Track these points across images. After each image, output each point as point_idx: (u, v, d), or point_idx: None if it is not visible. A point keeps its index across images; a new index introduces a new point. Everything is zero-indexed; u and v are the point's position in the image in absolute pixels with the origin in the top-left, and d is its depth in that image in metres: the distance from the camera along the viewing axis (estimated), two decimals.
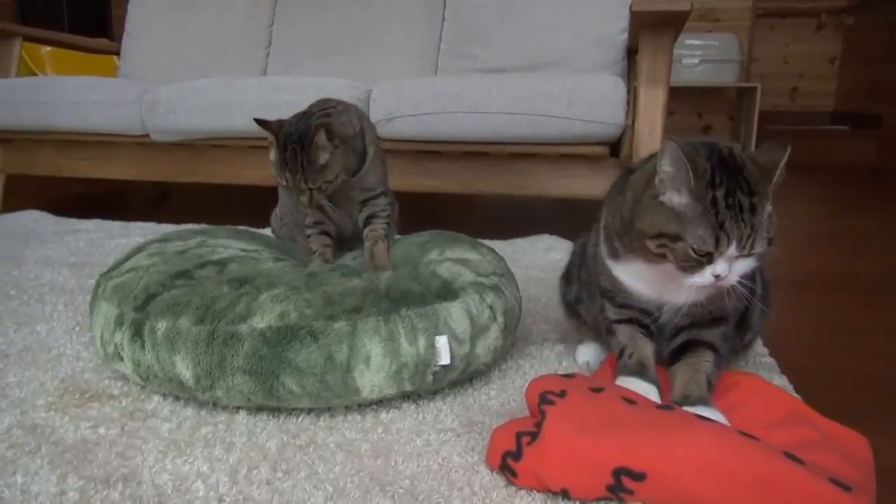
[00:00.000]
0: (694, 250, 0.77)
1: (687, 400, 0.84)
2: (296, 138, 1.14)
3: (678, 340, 0.93)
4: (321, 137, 1.12)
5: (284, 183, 1.17)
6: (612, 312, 0.96)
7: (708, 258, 0.78)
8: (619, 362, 0.94)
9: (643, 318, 0.94)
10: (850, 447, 0.78)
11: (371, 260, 1.19)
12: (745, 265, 0.80)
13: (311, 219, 1.28)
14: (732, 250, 0.77)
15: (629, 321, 0.95)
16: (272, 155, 1.17)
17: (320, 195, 1.17)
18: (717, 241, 0.76)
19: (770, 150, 0.81)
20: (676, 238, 0.78)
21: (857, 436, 0.80)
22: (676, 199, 0.79)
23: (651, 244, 0.81)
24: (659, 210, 0.80)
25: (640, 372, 0.90)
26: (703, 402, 0.84)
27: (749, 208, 0.77)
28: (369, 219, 1.27)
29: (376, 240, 1.23)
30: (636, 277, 0.90)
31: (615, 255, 0.92)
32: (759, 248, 0.78)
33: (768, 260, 0.85)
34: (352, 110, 1.27)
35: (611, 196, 0.96)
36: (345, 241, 1.32)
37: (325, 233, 1.28)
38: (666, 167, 0.79)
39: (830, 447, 0.76)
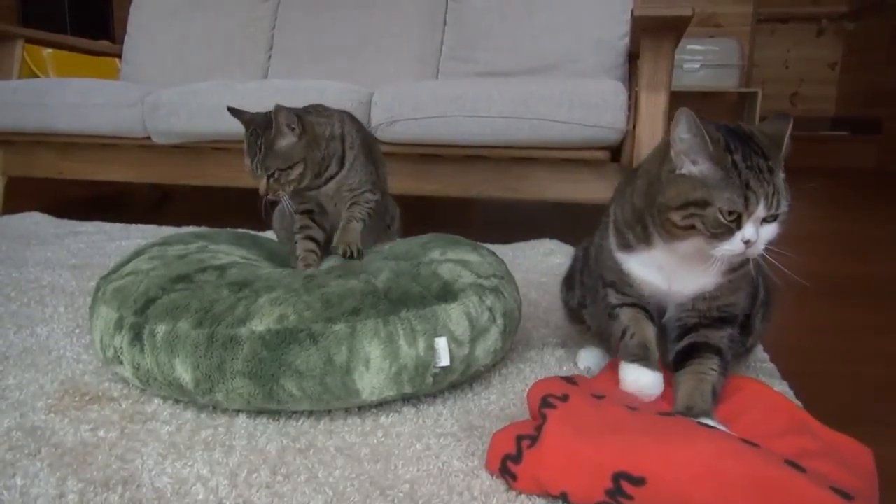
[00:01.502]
0: (723, 213, 0.78)
1: (690, 412, 0.84)
2: (261, 123, 1.16)
3: (684, 343, 0.92)
4: (280, 119, 1.14)
5: (247, 168, 1.18)
6: (614, 298, 0.96)
7: (737, 222, 0.78)
8: (620, 344, 0.93)
9: (645, 302, 0.94)
10: (852, 457, 0.78)
11: (342, 234, 1.22)
12: (770, 231, 0.80)
13: (298, 224, 1.29)
14: (761, 210, 0.77)
15: (632, 305, 0.94)
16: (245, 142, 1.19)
17: (277, 185, 1.17)
18: (747, 201, 0.77)
19: (774, 122, 0.84)
20: (705, 204, 0.78)
21: (859, 446, 0.79)
22: (696, 168, 0.79)
23: (677, 216, 0.81)
24: (681, 180, 0.81)
25: (642, 356, 0.90)
26: (706, 415, 0.83)
27: (768, 169, 0.78)
28: (351, 205, 1.28)
29: (351, 219, 1.25)
30: (648, 266, 0.90)
31: (626, 248, 0.92)
32: (784, 207, 0.79)
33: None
34: (336, 115, 1.29)
35: (619, 191, 0.97)
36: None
37: (311, 238, 1.28)
38: (682, 134, 0.79)
39: (832, 456, 0.76)
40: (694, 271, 0.85)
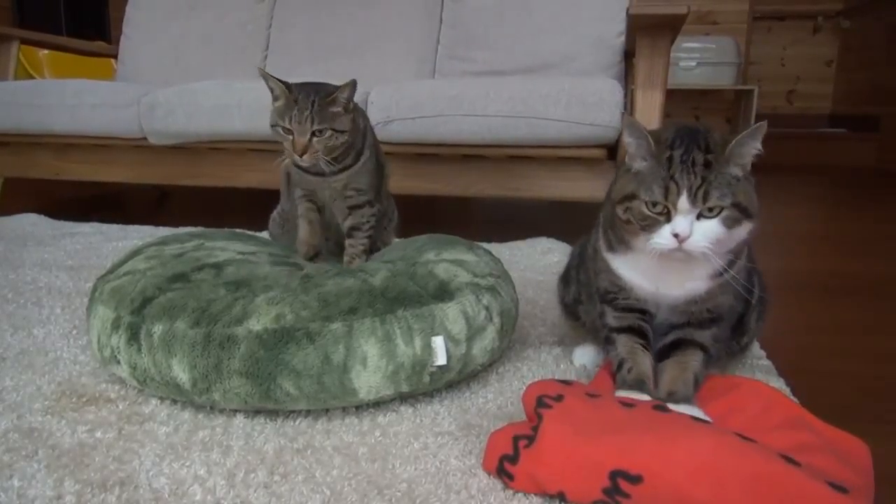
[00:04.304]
0: (648, 205, 0.80)
1: (672, 396, 0.87)
2: (311, 88, 1.16)
3: (669, 338, 0.94)
4: (348, 91, 1.15)
5: (286, 124, 1.15)
6: (612, 318, 0.97)
7: (666, 216, 0.80)
8: (617, 375, 0.94)
9: (643, 324, 0.95)
10: (848, 452, 0.78)
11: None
12: (710, 228, 0.79)
13: (301, 208, 1.30)
14: (683, 202, 0.78)
15: (629, 330, 0.95)
16: (278, 104, 1.17)
17: (319, 144, 1.15)
18: (666, 191, 0.79)
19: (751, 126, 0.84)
20: (633, 196, 0.82)
21: (856, 440, 0.80)
22: (642, 165, 0.83)
23: (619, 210, 0.84)
24: (625, 177, 0.85)
25: (638, 388, 0.91)
26: (687, 400, 0.86)
27: (703, 163, 0.79)
28: (351, 230, 1.29)
29: (353, 257, 1.27)
30: (632, 268, 0.91)
31: (611, 248, 0.94)
32: (713, 201, 0.78)
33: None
34: (358, 109, 1.31)
35: (606, 194, 0.98)
36: (335, 241, 1.34)
37: (312, 202, 1.29)
38: (627, 138, 0.83)
39: (829, 451, 0.76)
40: (679, 274, 0.87)
